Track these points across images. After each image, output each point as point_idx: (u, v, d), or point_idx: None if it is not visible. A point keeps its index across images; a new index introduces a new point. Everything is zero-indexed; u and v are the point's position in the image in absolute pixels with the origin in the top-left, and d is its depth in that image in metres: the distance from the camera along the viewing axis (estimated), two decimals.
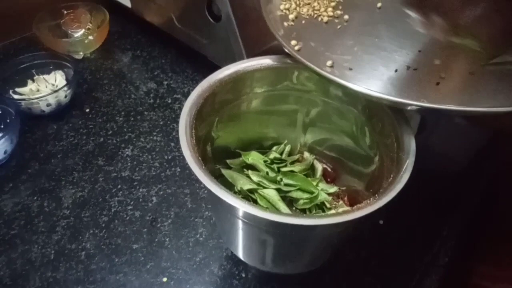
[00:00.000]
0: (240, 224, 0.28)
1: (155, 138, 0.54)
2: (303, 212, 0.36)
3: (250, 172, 0.35)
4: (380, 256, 0.42)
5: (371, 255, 0.42)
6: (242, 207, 0.24)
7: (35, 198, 0.46)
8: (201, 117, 0.31)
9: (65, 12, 0.65)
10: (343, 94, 0.35)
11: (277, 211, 0.24)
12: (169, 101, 0.59)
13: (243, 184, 0.34)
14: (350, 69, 0.31)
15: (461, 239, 0.45)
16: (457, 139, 0.56)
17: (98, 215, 0.45)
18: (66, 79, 0.57)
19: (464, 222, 0.46)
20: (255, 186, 0.33)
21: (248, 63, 0.34)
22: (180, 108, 0.58)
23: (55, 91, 0.52)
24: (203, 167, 0.26)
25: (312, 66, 0.30)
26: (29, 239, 0.43)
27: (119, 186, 0.48)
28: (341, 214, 0.25)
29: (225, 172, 0.35)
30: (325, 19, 0.35)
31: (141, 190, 0.48)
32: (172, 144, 0.53)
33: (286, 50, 0.33)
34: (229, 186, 0.37)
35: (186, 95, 0.59)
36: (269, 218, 0.23)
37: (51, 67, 0.57)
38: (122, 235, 0.43)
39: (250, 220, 0.27)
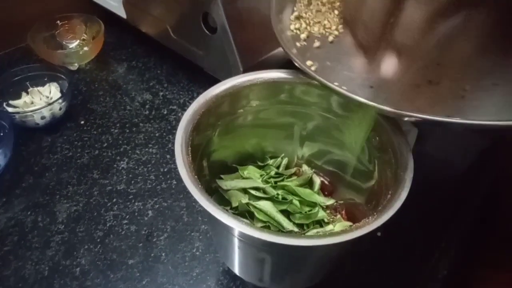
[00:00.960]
0: (236, 242, 0.28)
1: (150, 150, 0.53)
2: (301, 226, 0.36)
3: (244, 183, 0.35)
4: (379, 268, 0.42)
5: (370, 268, 0.42)
6: (238, 227, 0.24)
7: (29, 213, 0.46)
8: (198, 133, 0.31)
9: (60, 23, 0.64)
10: (345, 110, 0.34)
11: (272, 231, 0.23)
12: (165, 112, 0.59)
13: (237, 199, 0.33)
14: (371, 87, 0.30)
15: (460, 249, 0.44)
16: (454, 146, 0.56)
17: (93, 230, 0.44)
18: (61, 91, 0.56)
19: (463, 231, 0.46)
20: (247, 201, 0.33)
21: (245, 78, 0.33)
22: (176, 119, 0.58)
23: (50, 104, 0.52)
24: (199, 186, 0.25)
25: (333, 86, 0.30)
26: (22, 255, 0.42)
27: (115, 200, 0.47)
28: (339, 234, 0.24)
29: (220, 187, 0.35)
30: (336, 37, 0.35)
31: (136, 203, 0.47)
32: (168, 156, 0.53)
33: (303, 71, 0.32)
34: (226, 200, 0.37)
35: (182, 106, 0.59)
36: (265, 239, 0.23)
37: (46, 79, 0.57)
38: (117, 250, 0.43)
39: (246, 239, 0.26)
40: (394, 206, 0.27)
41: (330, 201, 0.37)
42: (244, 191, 0.35)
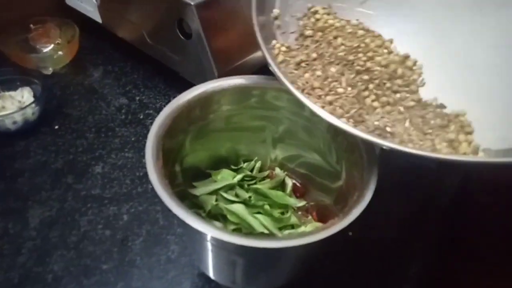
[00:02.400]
0: (208, 246, 0.29)
1: (126, 154, 0.53)
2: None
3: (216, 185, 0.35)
4: (353, 268, 0.43)
5: (344, 268, 0.43)
6: (210, 232, 0.24)
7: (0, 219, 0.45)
8: (170, 138, 0.31)
9: (33, 26, 0.63)
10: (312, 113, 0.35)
11: (243, 234, 0.24)
12: (141, 116, 0.59)
13: (209, 203, 0.34)
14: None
15: (433, 248, 0.46)
16: None
17: (67, 236, 0.44)
18: (34, 96, 0.56)
19: (435, 230, 0.48)
20: (218, 202, 0.34)
21: (216, 83, 0.34)
22: (152, 124, 0.58)
23: (22, 109, 0.51)
24: (170, 190, 0.26)
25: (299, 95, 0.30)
26: None
27: (89, 205, 0.47)
28: (308, 235, 0.25)
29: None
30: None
31: (111, 208, 0.47)
32: (144, 160, 0.52)
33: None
34: (200, 203, 0.38)
35: (158, 111, 0.59)
36: (235, 242, 0.24)
37: (18, 83, 0.56)
38: (91, 256, 0.43)
39: (218, 243, 0.27)
40: (359, 207, 0.29)
41: (301, 203, 0.38)
42: (216, 194, 0.35)
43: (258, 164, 0.41)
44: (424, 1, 0.35)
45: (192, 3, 0.46)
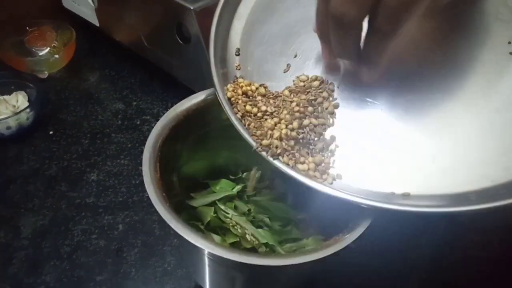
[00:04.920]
0: (206, 260, 0.27)
1: (122, 161, 0.52)
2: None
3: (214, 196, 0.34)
4: (357, 280, 0.42)
5: (348, 280, 0.42)
6: (208, 248, 0.23)
7: None
8: (167, 148, 0.30)
9: (29, 29, 0.62)
10: None
11: (242, 250, 0.23)
12: (138, 122, 0.57)
13: (208, 215, 0.33)
14: None
15: (434, 262, 0.45)
16: None
17: (60, 245, 0.43)
18: (29, 100, 0.54)
19: (434, 244, 0.47)
20: (222, 219, 0.33)
21: (214, 91, 0.33)
22: (149, 130, 0.56)
23: (16, 113, 0.50)
24: (167, 204, 0.25)
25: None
26: None
27: (83, 214, 0.46)
28: (310, 253, 0.24)
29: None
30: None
31: (106, 217, 0.46)
32: (140, 167, 0.50)
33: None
34: (198, 215, 0.37)
35: (155, 116, 0.58)
36: (234, 259, 0.23)
37: (13, 87, 0.55)
38: (85, 267, 0.41)
39: (216, 258, 0.26)
40: (363, 224, 0.28)
41: (302, 215, 0.37)
42: (215, 206, 0.34)
43: (258, 174, 0.40)
44: None
45: (192, 8, 0.46)
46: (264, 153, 0.30)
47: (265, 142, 0.29)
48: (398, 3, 0.23)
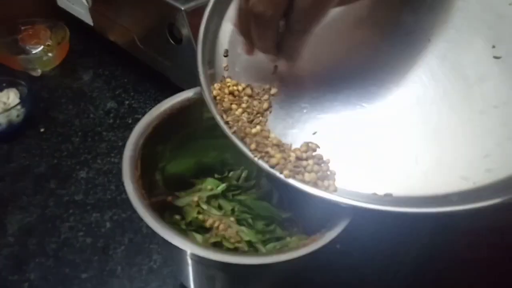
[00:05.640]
0: (188, 260, 0.28)
1: (112, 159, 0.52)
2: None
3: (200, 201, 0.34)
4: (341, 281, 0.42)
5: (332, 281, 0.41)
6: (189, 248, 0.23)
7: None
8: (150, 146, 0.30)
9: (23, 27, 0.63)
10: None
11: (224, 250, 0.23)
12: (130, 121, 0.58)
13: (191, 215, 0.33)
14: None
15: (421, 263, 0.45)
16: None
17: (46, 243, 0.43)
18: (20, 98, 0.54)
19: (421, 247, 0.47)
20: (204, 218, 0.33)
21: (198, 90, 0.33)
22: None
23: (6, 110, 0.50)
24: (147, 202, 0.25)
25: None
26: None
27: (71, 211, 0.46)
28: (290, 251, 0.25)
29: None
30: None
31: (94, 214, 0.46)
32: None
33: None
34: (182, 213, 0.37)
35: None
36: (216, 259, 0.23)
37: (4, 85, 0.55)
38: (71, 264, 0.41)
39: (198, 258, 0.26)
40: (344, 221, 0.28)
41: (287, 214, 0.37)
42: (198, 205, 0.34)
43: (244, 174, 0.40)
44: None
45: (183, 8, 0.46)
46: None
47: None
48: (308, 5, 0.25)
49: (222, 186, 0.37)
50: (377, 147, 0.30)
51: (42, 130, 0.55)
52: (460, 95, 0.30)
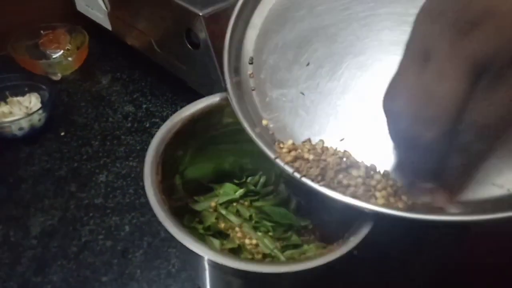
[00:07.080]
0: (206, 265, 0.28)
1: (131, 163, 0.53)
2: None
3: (219, 207, 0.34)
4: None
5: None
6: (206, 254, 0.23)
7: (0, 227, 0.45)
8: (171, 152, 0.31)
9: (43, 32, 0.64)
10: None
11: (241, 258, 0.23)
12: (147, 125, 0.58)
13: (209, 220, 0.33)
14: None
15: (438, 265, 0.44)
16: None
17: (67, 245, 0.44)
18: (41, 102, 0.56)
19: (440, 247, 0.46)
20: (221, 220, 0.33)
21: (220, 97, 0.33)
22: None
23: (29, 115, 0.51)
24: (167, 207, 0.25)
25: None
26: None
27: (91, 214, 0.47)
28: (309, 260, 0.24)
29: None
30: None
31: (113, 218, 0.47)
32: None
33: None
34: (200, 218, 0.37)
35: (164, 119, 0.58)
36: (233, 266, 0.23)
37: (26, 89, 0.56)
38: (91, 267, 0.42)
39: (215, 264, 0.26)
40: (364, 229, 0.28)
41: (305, 222, 0.37)
42: (216, 210, 0.34)
43: (262, 179, 0.40)
44: None
45: (201, 14, 0.46)
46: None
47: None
48: (495, 120, 0.19)
49: (240, 191, 0.37)
50: None
51: (62, 133, 0.56)
52: None
